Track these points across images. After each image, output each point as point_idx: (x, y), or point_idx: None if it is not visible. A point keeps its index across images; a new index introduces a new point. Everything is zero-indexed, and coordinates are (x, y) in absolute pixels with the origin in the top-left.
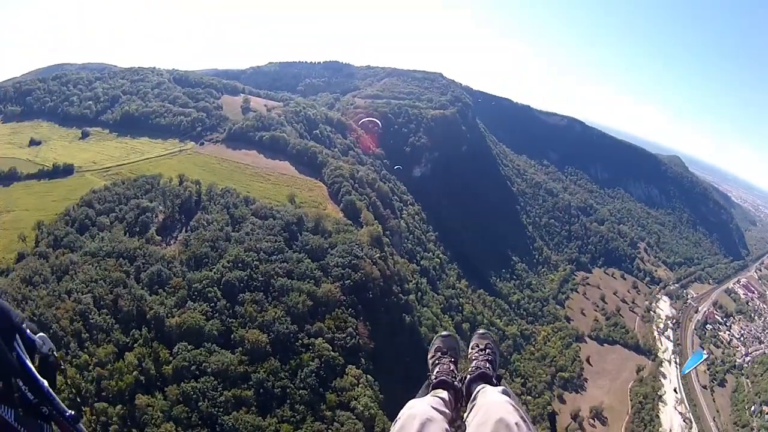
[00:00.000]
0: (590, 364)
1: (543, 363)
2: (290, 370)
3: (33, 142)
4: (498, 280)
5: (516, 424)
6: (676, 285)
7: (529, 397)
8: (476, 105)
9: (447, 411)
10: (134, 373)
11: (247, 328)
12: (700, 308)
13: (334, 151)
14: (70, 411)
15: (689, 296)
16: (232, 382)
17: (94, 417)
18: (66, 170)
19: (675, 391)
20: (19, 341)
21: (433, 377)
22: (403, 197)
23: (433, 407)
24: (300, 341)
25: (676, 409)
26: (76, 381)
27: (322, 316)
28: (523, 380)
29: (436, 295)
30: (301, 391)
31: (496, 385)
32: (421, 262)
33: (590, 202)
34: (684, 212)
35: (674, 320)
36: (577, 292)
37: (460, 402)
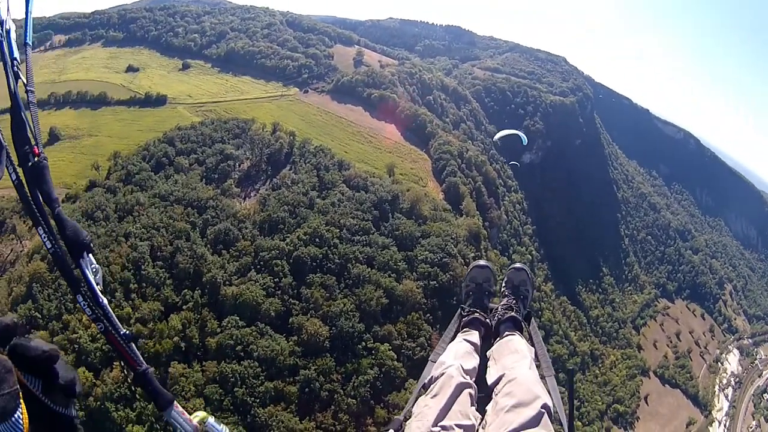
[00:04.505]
0: (647, 403)
1: (603, 389)
2: (345, 373)
3: (130, 69)
4: (583, 289)
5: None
6: (750, 340)
7: (579, 423)
8: (596, 99)
9: (475, 361)
10: (175, 338)
11: (308, 315)
12: (764, 372)
13: (446, 122)
14: (125, 330)
15: (758, 356)
16: (278, 373)
17: (123, 374)
18: (158, 100)
19: None
20: (87, 258)
21: (466, 310)
22: (508, 182)
23: (464, 372)
24: (364, 343)
25: None
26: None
27: (395, 318)
28: (579, 404)
29: None
30: (350, 400)
31: (523, 330)
32: (513, 257)
33: (689, 227)
34: None
35: (737, 379)
36: (655, 320)
37: (488, 341)
